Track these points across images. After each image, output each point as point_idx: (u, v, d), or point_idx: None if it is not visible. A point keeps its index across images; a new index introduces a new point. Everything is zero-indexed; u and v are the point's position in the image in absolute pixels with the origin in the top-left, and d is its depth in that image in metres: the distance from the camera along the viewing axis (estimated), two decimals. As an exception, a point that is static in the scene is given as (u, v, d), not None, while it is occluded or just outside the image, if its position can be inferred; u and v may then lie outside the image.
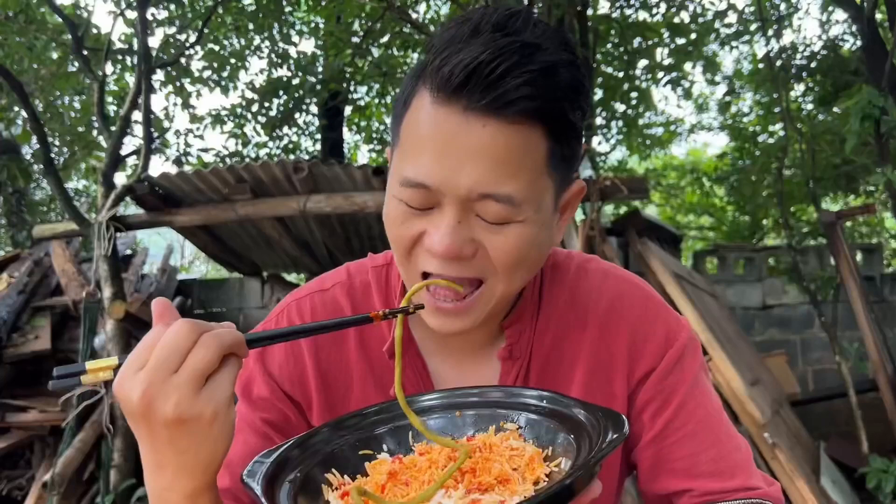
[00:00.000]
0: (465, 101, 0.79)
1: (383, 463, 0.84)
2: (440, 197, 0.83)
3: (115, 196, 4.93)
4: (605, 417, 0.76)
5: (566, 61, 0.81)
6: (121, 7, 6.76)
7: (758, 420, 4.04)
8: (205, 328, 0.73)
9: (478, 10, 0.83)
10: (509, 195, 0.82)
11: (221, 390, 0.72)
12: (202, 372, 0.70)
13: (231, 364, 0.74)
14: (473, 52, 0.78)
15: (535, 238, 0.87)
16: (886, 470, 4.32)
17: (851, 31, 8.53)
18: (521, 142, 0.81)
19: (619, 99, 9.84)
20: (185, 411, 0.69)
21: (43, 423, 5.06)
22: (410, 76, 0.87)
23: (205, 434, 0.71)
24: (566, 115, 0.83)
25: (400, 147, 0.87)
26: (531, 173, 0.83)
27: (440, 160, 0.81)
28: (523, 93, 0.78)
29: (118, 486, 4.68)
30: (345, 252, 5.87)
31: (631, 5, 8.90)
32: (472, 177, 0.80)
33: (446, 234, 0.83)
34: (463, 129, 0.80)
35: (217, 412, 0.71)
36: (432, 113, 0.81)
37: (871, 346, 4.90)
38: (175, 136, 9.23)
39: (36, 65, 8.26)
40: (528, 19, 0.82)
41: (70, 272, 5.87)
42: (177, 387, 0.69)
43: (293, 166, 4.54)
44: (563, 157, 0.86)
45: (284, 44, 9.14)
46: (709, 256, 7.80)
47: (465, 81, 0.78)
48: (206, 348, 0.71)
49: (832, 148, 7.70)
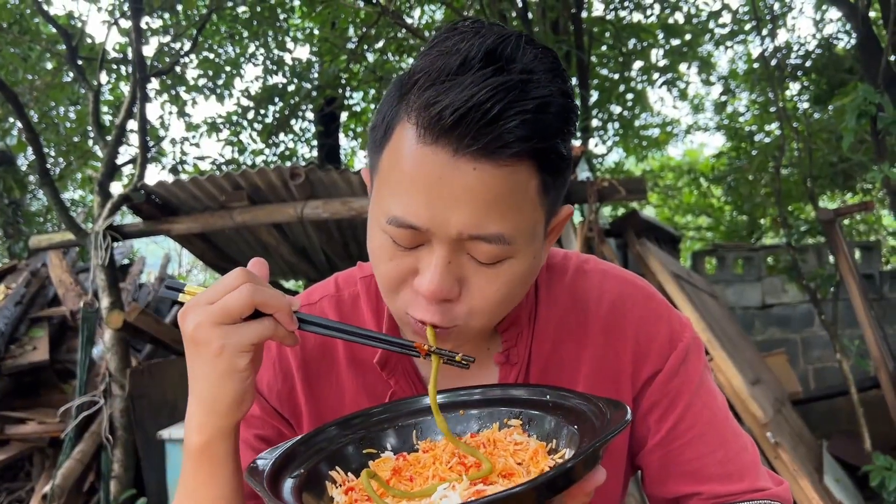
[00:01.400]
0: (455, 144, 0.75)
1: (387, 461, 0.85)
2: (430, 236, 0.81)
3: (111, 205, 4.92)
4: (607, 407, 0.76)
5: (558, 92, 0.78)
6: (115, 16, 6.75)
7: (760, 419, 4.03)
8: (253, 280, 0.80)
9: (465, 37, 0.77)
10: (500, 234, 0.79)
11: (239, 334, 0.78)
12: (228, 310, 0.78)
13: (263, 322, 0.80)
14: (464, 93, 0.73)
15: (526, 272, 0.86)
16: (890, 467, 4.31)
17: (845, 30, 8.55)
18: (512, 181, 0.78)
19: (615, 101, 9.85)
20: (198, 334, 0.78)
21: (42, 435, 5.03)
22: (388, 101, 0.83)
23: (210, 364, 0.78)
24: (558, 149, 0.80)
25: (382, 178, 0.84)
26: (522, 210, 0.80)
27: (429, 201, 0.78)
28: (517, 135, 0.74)
29: (118, 496, 4.65)
30: (343, 257, 5.85)
31: (625, 7, 8.91)
32: (462, 219, 0.78)
33: (435, 275, 0.81)
34: (451, 172, 0.76)
35: (224, 347, 0.77)
36: (418, 152, 0.77)
37: (872, 344, 4.89)
38: (171, 145, 9.24)
39: (31, 75, 8.25)
40: (517, 45, 0.77)
41: (67, 282, 5.86)
42: (202, 312, 0.78)
43: (290, 172, 4.53)
44: (554, 186, 0.84)
45: (279, 51, 9.13)
46: (707, 256, 7.81)
47: (456, 124, 0.74)
48: (239, 293, 0.78)
49: (829, 146, 7.70)
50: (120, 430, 4.75)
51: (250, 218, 4.81)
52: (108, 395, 4.80)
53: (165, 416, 4.90)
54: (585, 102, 7.80)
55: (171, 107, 8.92)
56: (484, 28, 0.79)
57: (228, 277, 0.80)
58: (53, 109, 9.19)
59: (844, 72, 8.17)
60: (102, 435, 4.71)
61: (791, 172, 8.35)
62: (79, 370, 4.89)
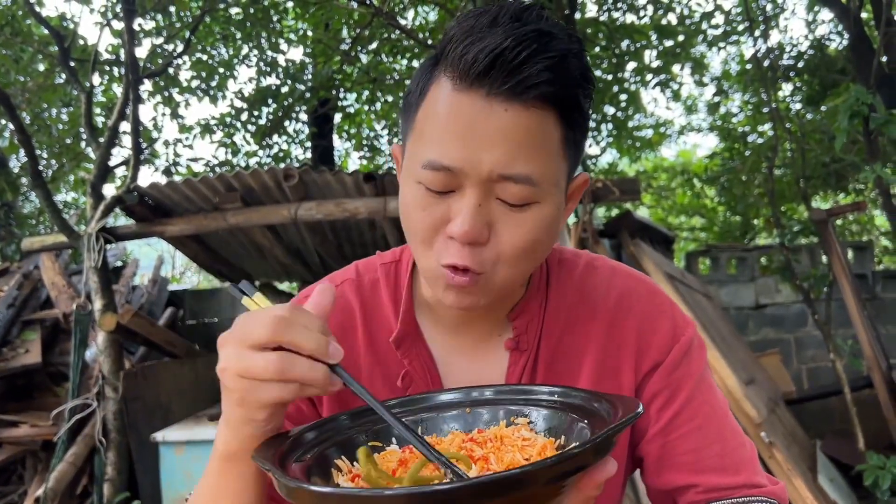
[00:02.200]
0: (488, 87, 0.82)
1: (392, 454, 0.85)
2: (462, 179, 0.85)
3: (104, 207, 4.90)
4: (619, 402, 0.76)
5: (577, 51, 0.85)
6: (107, 18, 6.74)
7: (754, 419, 4.04)
8: (292, 338, 0.74)
9: (494, 4, 0.86)
10: (528, 175, 0.84)
11: (259, 393, 0.74)
12: (250, 371, 0.73)
13: (288, 387, 0.74)
14: (496, 39, 0.81)
15: (549, 220, 0.89)
16: (883, 467, 4.32)
17: (838, 31, 8.60)
18: (539, 125, 0.84)
19: (609, 101, 9.86)
20: (224, 377, 0.76)
21: (35, 438, 5.01)
22: (423, 69, 0.90)
23: (231, 406, 0.78)
24: (579, 101, 0.87)
25: (417, 134, 0.89)
26: (548, 155, 0.86)
27: (464, 143, 0.83)
28: (543, 78, 0.81)
29: (112, 499, 4.64)
30: (337, 259, 5.84)
31: (619, 8, 8.93)
32: (493, 158, 0.83)
33: (467, 216, 0.85)
34: (485, 113, 0.82)
35: (244, 400, 0.76)
36: (454, 98, 0.84)
37: (865, 343, 4.91)
38: (164, 147, 9.19)
39: (22, 77, 8.22)
40: (540, 13, 0.86)
41: (60, 285, 5.83)
42: (232, 355, 0.75)
43: (283, 174, 4.52)
44: (575, 141, 0.90)
45: (273, 52, 9.12)
46: (701, 257, 7.82)
47: (489, 67, 0.81)
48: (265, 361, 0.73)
49: (821, 146, 7.73)
50: (113, 432, 4.73)
51: (244, 219, 4.80)
52: (102, 398, 4.78)
53: (159, 419, 4.88)
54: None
55: (164, 108, 8.91)
56: (507, 3, 0.86)
57: (264, 323, 0.73)
58: (46, 111, 9.16)
59: (837, 72, 8.21)
60: (96, 438, 4.69)
61: (784, 173, 8.39)
62: (72, 373, 4.87)
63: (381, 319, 1.06)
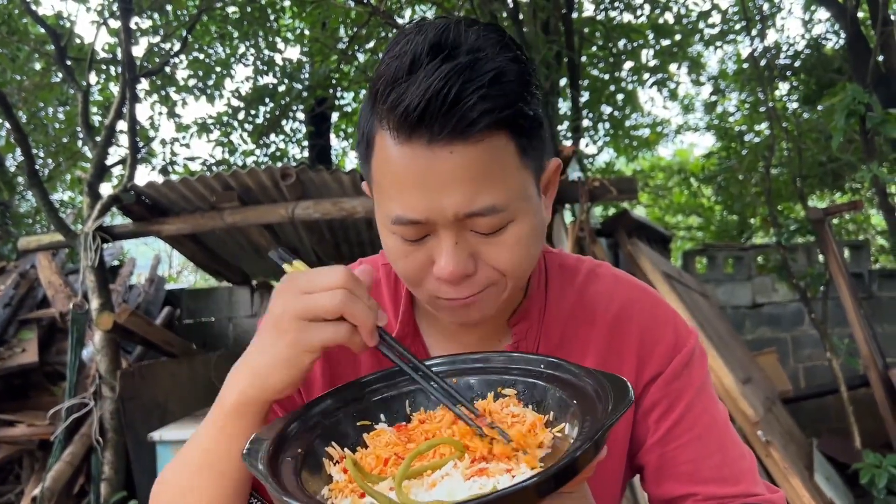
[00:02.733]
0: (428, 135, 0.80)
1: (382, 433, 0.85)
2: (432, 225, 0.85)
3: (101, 206, 4.89)
4: (608, 382, 0.77)
5: (510, 59, 0.82)
6: (104, 16, 6.72)
7: (751, 417, 4.04)
8: (352, 286, 0.81)
9: (407, 37, 0.82)
10: (493, 205, 0.83)
11: (315, 333, 0.80)
12: (315, 309, 0.80)
13: (341, 328, 0.81)
14: (420, 87, 0.78)
15: (532, 230, 0.89)
16: (879, 465, 4.33)
17: (834, 30, 8.61)
18: (489, 153, 0.82)
19: (606, 101, 9.87)
20: (281, 321, 0.81)
21: (31, 437, 5.00)
22: (365, 115, 0.88)
23: (280, 349, 0.82)
24: (524, 112, 0.84)
25: (377, 186, 0.89)
26: (507, 177, 0.84)
27: (421, 194, 0.83)
28: (479, 109, 0.79)
29: (109, 499, 4.63)
30: (334, 258, 5.84)
31: (615, 7, 8.93)
32: (453, 202, 0.82)
33: (449, 258, 0.86)
34: (431, 162, 0.81)
35: (298, 341, 0.80)
36: (398, 153, 0.82)
37: (862, 342, 4.92)
38: (161, 146, 9.17)
39: (19, 76, 8.20)
40: (458, 30, 0.81)
41: (56, 284, 5.82)
42: (293, 301, 0.81)
43: (281, 173, 4.51)
44: (532, 146, 0.87)
45: (270, 51, 9.10)
46: (698, 256, 7.82)
47: (421, 117, 0.78)
48: (332, 297, 0.80)
49: (818, 146, 7.74)
50: (110, 432, 4.73)
51: (241, 219, 4.79)
52: (99, 398, 4.78)
53: (156, 418, 4.88)
54: (576, 103, 7.81)
55: (160, 107, 8.88)
56: (427, 25, 0.83)
57: (331, 274, 0.81)
58: (42, 110, 9.13)
59: (833, 72, 8.22)
60: (92, 437, 4.68)
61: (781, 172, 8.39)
62: (68, 372, 4.86)
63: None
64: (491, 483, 0.69)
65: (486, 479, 0.70)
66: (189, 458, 0.90)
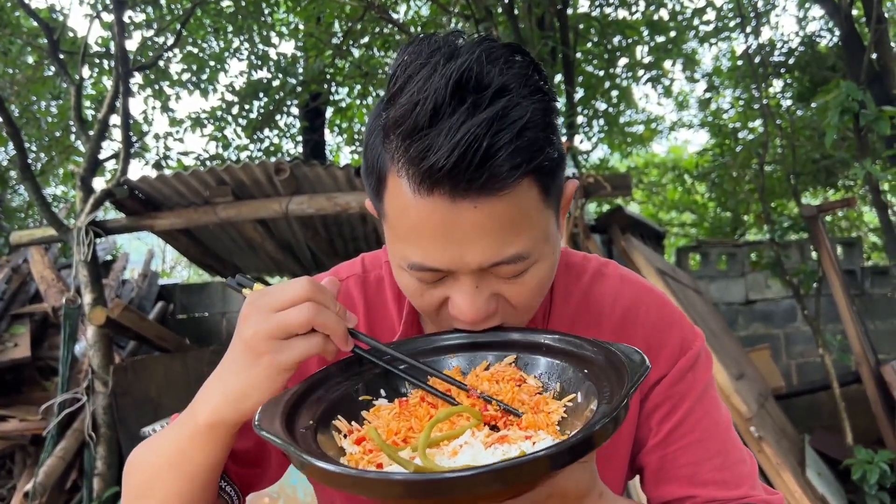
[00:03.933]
0: (451, 191, 0.75)
1: (382, 408, 0.85)
2: (452, 271, 0.83)
3: (94, 201, 4.87)
4: (621, 353, 0.77)
5: (536, 101, 0.77)
6: (97, 10, 6.68)
7: (744, 414, 4.05)
8: (318, 297, 0.80)
9: (428, 71, 0.76)
10: (518, 254, 0.81)
11: (289, 351, 0.79)
12: (285, 326, 0.79)
13: (312, 340, 0.80)
14: (446, 142, 0.72)
15: (550, 267, 0.88)
16: (871, 461, 4.36)
17: (828, 27, 8.63)
18: (515, 205, 0.78)
19: (600, 97, 9.88)
20: (253, 342, 0.79)
21: (24, 432, 4.99)
22: (374, 143, 0.82)
23: (253, 369, 0.80)
24: (549, 156, 0.80)
25: (390, 225, 0.85)
26: (532, 223, 0.81)
27: (443, 245, 0.79)
28: (510, 164, 0.74)
29: (101, 494, 4.62)
30: (328, 254, 5.83)
31: (610, 3, 8.93)
32: (477, 254, 0.79)
33: (470, 303, 0.84)
34: (454, 216, 0.77)
35: (272, 361, 0.79)
36: (418, 204, 0.77)
37: (854, 339, 4.94)
38: (154, 140, 9.14)
39: (11, 69, 8.15)
40: (480, 66, 0.75)
41: (49, 278, 5.80)
42: (262, 321, 0.79)
43: (275, 167, 4.50)
44: (554, 184, 0.84)
45: (264, 45, 9.07)
46: (691, 252, 7.84)
47: (449, 174, 0.73)
48: (300, 312, 0.79)
49: (812, 143, 7.76)
50: (103, 427, 4.72)
51: (235, 214, 4.78)
52: (91, 392, 4.77)
53: (149, 413, 4.87)
54: (571, 99, 7.81)
55: (154, 101, 8.85)
56: (442, 48, 0.78)
57: (295, 287, 0.80)
58: (35, 104, 9.08)
59: (827, 69, 8.25)
60: (85, 432, 4.67)
61: (774, 169, 8.42)
62: (61, 367, 4.85)
63: (383, 319, 1.05)
64: (514, 450, 0.69)
65: (509, 445, 0.70)
66: (160, 449, 0.90)
